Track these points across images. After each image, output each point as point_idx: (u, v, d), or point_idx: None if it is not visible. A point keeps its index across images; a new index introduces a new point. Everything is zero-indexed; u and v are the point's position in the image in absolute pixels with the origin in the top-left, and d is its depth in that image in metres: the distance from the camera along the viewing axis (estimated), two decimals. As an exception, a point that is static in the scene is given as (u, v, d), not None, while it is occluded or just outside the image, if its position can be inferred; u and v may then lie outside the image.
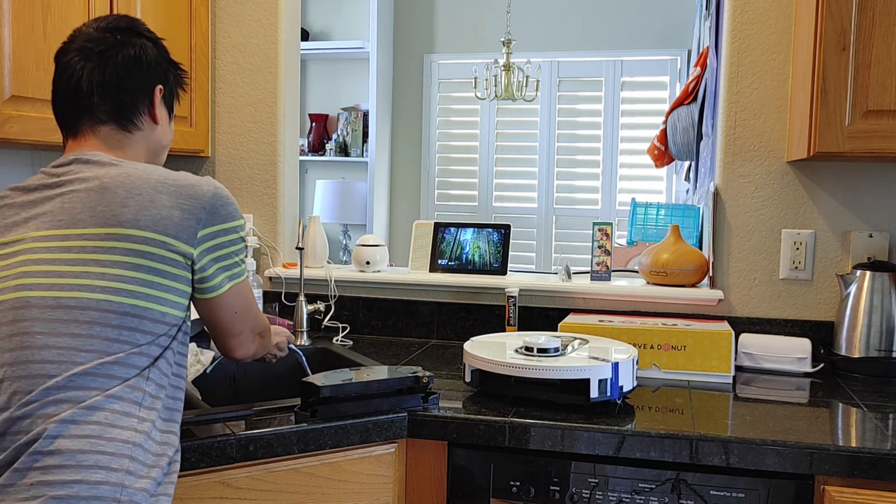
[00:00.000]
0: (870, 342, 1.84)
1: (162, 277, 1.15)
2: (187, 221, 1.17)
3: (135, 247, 1.14)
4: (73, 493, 1.01)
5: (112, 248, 1.13)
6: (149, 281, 1.14)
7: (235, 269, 1.26)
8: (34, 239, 1.15)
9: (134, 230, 1.14)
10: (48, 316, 1.09)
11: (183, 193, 1.19)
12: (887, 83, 1.63)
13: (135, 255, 1.13)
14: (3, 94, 1.61)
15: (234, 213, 1.24)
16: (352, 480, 1.45)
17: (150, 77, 1.31)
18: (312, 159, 4.83)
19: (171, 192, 1.18)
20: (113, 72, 1.27)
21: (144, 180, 1.18)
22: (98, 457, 1.04)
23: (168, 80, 1.36)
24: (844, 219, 1.97)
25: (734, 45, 1.99)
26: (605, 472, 1.43)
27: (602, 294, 2.07)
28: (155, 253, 1.14)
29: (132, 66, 1.29)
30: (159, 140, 1.35)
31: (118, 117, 1.28)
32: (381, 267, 2.28)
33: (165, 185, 1.19)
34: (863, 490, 1.33)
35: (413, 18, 4.90)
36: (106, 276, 1.12)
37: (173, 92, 1.39)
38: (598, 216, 4.69)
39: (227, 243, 1.23)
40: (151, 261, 1.14)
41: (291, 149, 2.35)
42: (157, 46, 1.34)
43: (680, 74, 4.51)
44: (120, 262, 1.13)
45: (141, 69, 1.30)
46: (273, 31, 2.26)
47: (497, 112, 4.82)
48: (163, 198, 1.17)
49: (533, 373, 1.49)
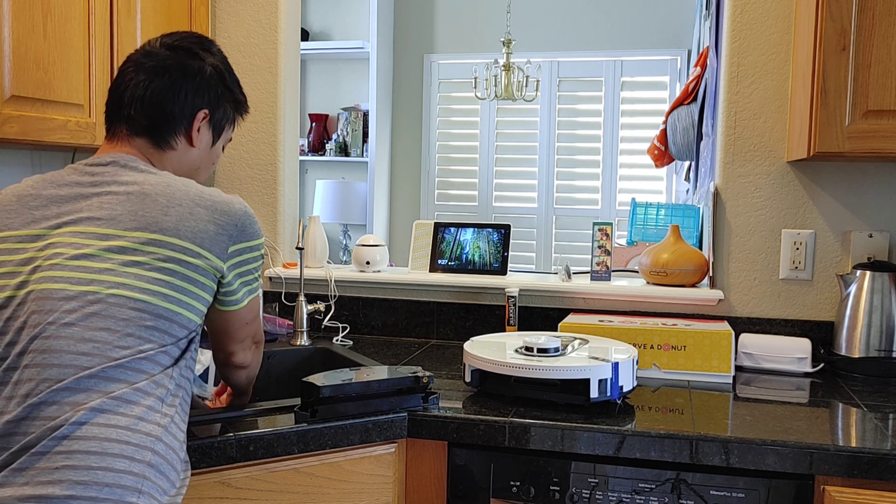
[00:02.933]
0: (870, 342, 1.84)
1: (193, 285, 1.20)
2: (220, 237, 1.24)
3: (174, 255, 1.19)
4: (96, 480, 1.02)
5: (152, 253, 1.18)
6: (182, 287, 1.19)
7: (254, 283, 1.33)
8: (71, 234, 1.18)
9: (175, 238, 1.20)
10: (87, 310, 1.12)
11: (218, 209, 1.25)
12: (887, 83, 1.63)
13: (173, 263, 1.19)
14: (4, 94, 1.61)
15: (259, 231, 1.31)
16: (352, 480, 1.45)
17: (196, 100, 1.35)
18: (312, 159, 4.83)
19: (207, 207, 1.24)
20: (156, 90, 1.32)
21: (184, 192, 1.24)
22: (123, 446, 1.06)
23: (219, 106, 1.38)
24: (844, 219, 1.97)
25: (734, 45, 2.00)
26: (605, 472, 1.43)
27: (602, 294, 2.07)
28: (191, 262, 1.20)
29: (178, 86, 1.33)
30: (194, 163, 1.39)
31: (153, 134, 1.32)
32: (381, 267, 2.28)
33: (203, 199, 1.25)
34: (863, 490, 1.33)
35: (413, 18, 4.90)
36: (144, 279, 1.16)
37: (227, 117, 1.42)
38: (598, 216, 4.69)
39: (251, 259, 1.30)
40: (187, 269, 1.20)
41: (291, 149, 2.35)
42: (217, 70, 1.38)
43: (680, 74, 4.51)
44: (159, 266, 1.18)
45: (186, 91, 1.33)
46: (273, 31, 2.26)
47: (497, 112, 4.82)
48: (201, 211, 1.23)
49: (533, 373, 1.49)
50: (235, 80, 1.44)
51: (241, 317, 1.33)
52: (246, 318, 1.34)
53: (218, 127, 1.40)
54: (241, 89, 1.45)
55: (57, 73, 1.72)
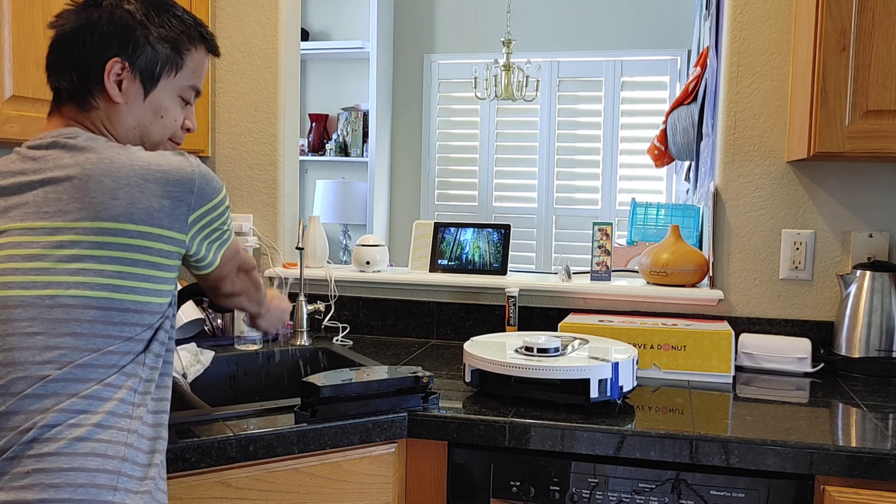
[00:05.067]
0: (870, 342, 1.84)
1: (158, 270, 1.12)
2: (178, 210, 1.13)
3: (131, 242, 1.10)
4: (69, 481, 1.01)
5: (107, 244, 1.09)
6: (147, 275, 1.11)
7: (224, 237, 1.23)
8: (20, 231, 1.10)
9: (129, 224, 1.10)
10: (47, 315, 1.07)
11: (171, 179, 1.12)
12: (887, 83, 1.63)
13: (133, 251, 1.10)
14: (3, 94, 1.61)
15: (217, 186, 1.18)
16: (352, 480, 1.45)
17: (102, 49, 1.18)
18: (312, 159, 4.83)
19: (157, 180, 1.12)
20: (61, 49, 1.19)
21: (129, 167, 1.12)
22: (95, 444, 1.04)
23: (139, 50, 1.19)
24: (844, 219, 1.97)
25: (734, 45, 1.99)
26: (605, 472, 1.43)
27: (602, 294, 2.07)
28: (151, 247, 1.11)
29: (80, 38, 1.18)
30: (124, 120, 1.21)
31: (74, 97, 1.20)
32: (381, 267, 2.28)
33: (150, 170, 1.12)
34: (863, 490, 1.33)
35: (413, 18, 4.90)
36: (104, 273, 1.09)
37: (161, 60, 1.21)
38: (598, 216, 4.69)
39: (216, 218, 1.19)
40: (148, 255, 1.11)
41: (291, 149, 2.35)
42: (128, 12, 1.19)
43: (680, 74, 4.51)
44: (118, 257, 1.09)
45: (89, 41, 1.18)
46: (273, 31, 2.26)
47: (497, 112, 4.82)
48: (151, 186, 1.11)
49: (533, 373, 1.49)
50: (164, 16, 1.22)
51: (218, 272, 1.25)
52: (223, 270, 1.25)
53: (148, 74, 1.21)
54: (177, 24, 1.23)
55: (57, 73, 1.71)
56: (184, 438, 1.31)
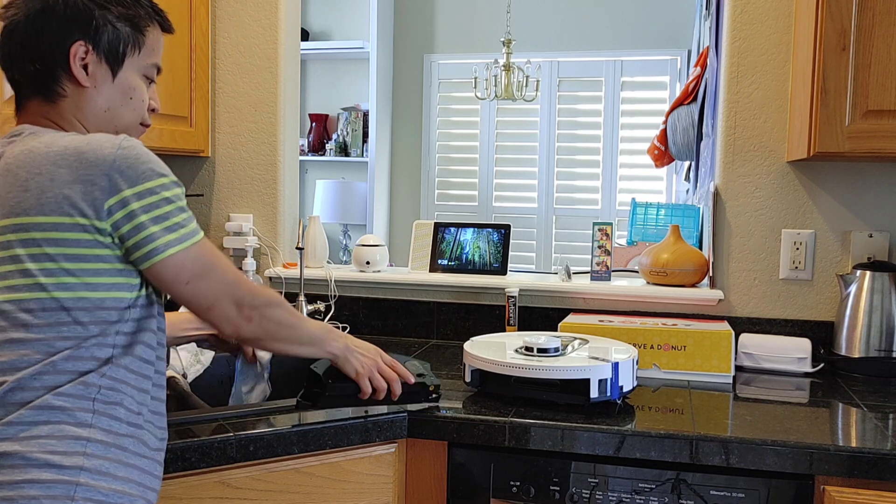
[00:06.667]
0: (870, 342, 1.84)
1: (85, 262, 1.04)
2: (92, 194, 1.03)
3: (47, 235, 1.02)
4: (22, 494, 0.98)
5: (24, 241, 1.03)
6: (78, 269, 1.03)
7: (171, 234, 1.08)
8: None
9: (40, 217, 1.02)
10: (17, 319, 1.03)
11: (84, 161, 1.04)
12: (887, 83, 1.63)
13: (49, 245, 1.02)
14: (3, 94, 1.61)
15: (148, 172, 1.06)
16: (352, 480, 1.45)
17: (64, 34, 1.12)
18: (312, 159, 4.83)
19: (70, 164, 1.04)
20: (20, 37, 1.13)
21: (44, 155, 1.05)
22: (49, 456, 1.00)
23: (100, 31, 1.14)
24: (844, 219, 1.97)
25: (734, 45, 2.00)
26: (605, 472, 1.43)
27: (602, 294, 2.07)
28: (69, 238, 1.03)
29: (38, 25, 1.12)
30: (100, 105, 1.16)
31: (38, 88, 1.14)
32: (381, 267, 2.28)
33: (65, 156, 1.04)
34: (863, 490, 1.33)
35: (413, 18, 4.90)
36: (30, 274, 1.03)
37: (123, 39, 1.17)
38: (598, 216, 4.69)
39: (150, 206, 1.06)
40: (67, 247, 1.03)
41: (291, 149, 2.35)
42: None
43: (680, 74, 4.51)
44: (38, 254, 1.03)
45: (49, 26, 1.12)
46: (273, 31, 2.26)
47: (497, 112, 4.82)
48: (62, 172, 1.03)
49: (533, 373, 1.49)
50: None
51: (172, 276, 1.09)
52: (182, 276, 1.09)
53: (113, 55, 1.16)
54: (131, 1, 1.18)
55: (57, 73, 1.71)
56: (184, 438, 1.31)
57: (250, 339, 1.20)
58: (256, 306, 1.18)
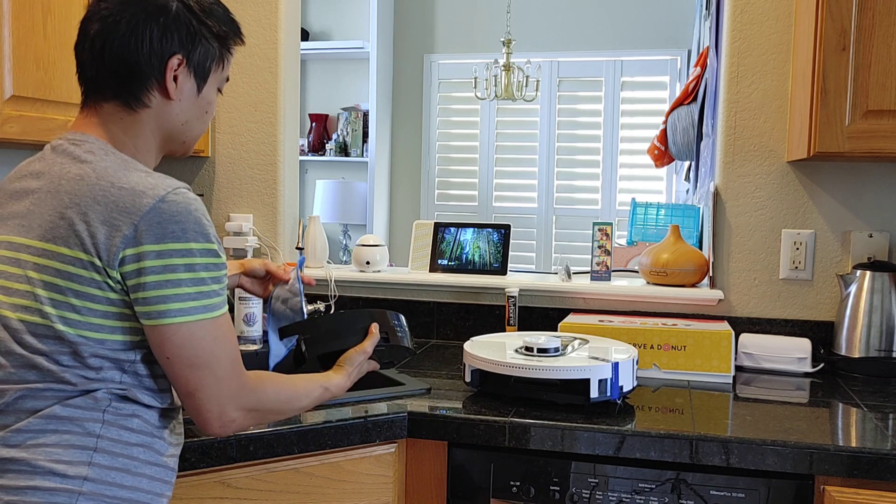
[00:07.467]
0: (870, 342, 1.84)
1: (92, 302, 1.02)
2: (113, 239, 1.01)
3: (63, 267, 1.01)
4: (24, 500, 0.98)
5: (47, 268, 1.02)
6: (78, 307, 1.02)
7: (170, 304, 1.02)
8: (6, 245, 1.06)
9: (64, 248, 1.02)
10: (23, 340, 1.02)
11: (119, 206, 1.02)
12: (887, 83, 1.63)
13: (62, 278, 1.01)
14: (3, 94, 1.61)
15: (178, 232, 1.02)
16: (352, 480, 1.45)
17: (164, 45, 1.11)
18: (312, 159, 4.83)
19: (108, 202, 1.02)
20: (114, 41, 1.10)
21: (90, 186, 1.03)
22: (53, 465, 1.00)
23: (195, 45, 1.13)
24: (844, 219, 1.97)
25: (734, 45, 2.00)
26: (605, 472, 1.43)
27: (602, 294, 2.07)
28: (83, 276, 1.01)
29: (139, 31, 1.10)
30: (178, 117, 1.15)
31: (122, 94, 1.12)
32: (381, 267, 2.28)
33: (109, 192, 1.03)
34: (863, 490, 1.33)
35: (413, 18, 4.90)
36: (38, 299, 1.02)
37: (212, 56, 1.16)
38: (598, 216, 4.69)
39: (161, 268, 1.01)
40: (78, 283, 1.01)
41: (291, 149, 2.35)
42: (184, 3, 1.13)
43: (680, 74, 4.51)
44: (49, 283, 1.02)
45: (150, 35, 1.10)
46: (273, 31, 2.26)
47: (497, 112, 4.82)
48: (98, 210, 1.02)
49: (533, 373, 1.49)
50: (212, 10, 1.17)
51: (156, 340, 1.03)
52: (164, 346, 1.03)
53: (201, 70, 1.15)
54: (223, 18, 1.18)
55: (57, 73, 1.72)
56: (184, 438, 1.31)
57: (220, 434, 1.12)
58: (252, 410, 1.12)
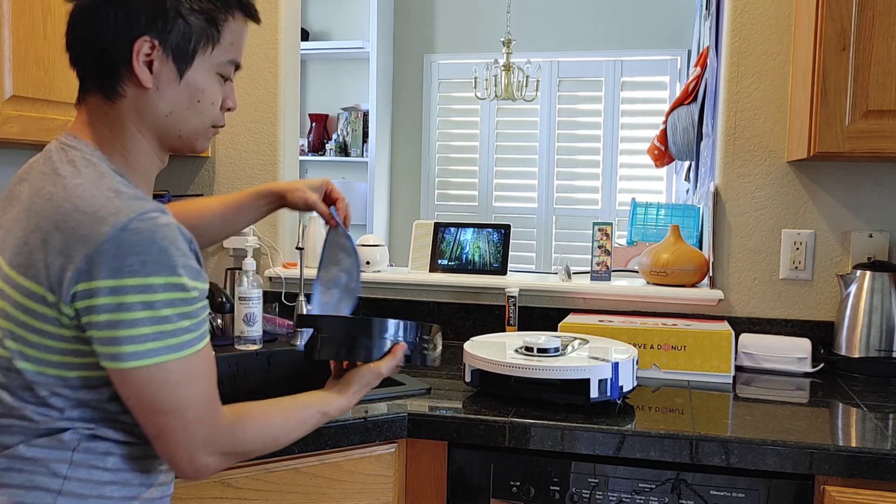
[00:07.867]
0: (870, 342, 1.84)
1: (48, 339, 0.93)
2: (65, 271, 0.89)
3: (23, 300, 0.92)
4: None
5: (10, 298, 0.93)
6: (34, 342, 0.93)
7: (123, 346, 0.90)
8: None
9: (22, 278, 0.92)
10: None
11: (78, 233, 0.90)
12: (887, 83, 1.63)
13: (20, 310, 0.92)
14: (3, 94, 1.61)
15: (135, 266, 0.89)
16: (352, 480, 1.45)
17: (128, 27, 0.98)
18: (312, 159, 4.83)
19: (67, 229, 0.90)
20: (83, 26, 1.00)
21: (56, 208, 0.92)
22: None
23: (171, 25, 0.99)
24: (844, 219, 1.97)
25: (734, 45, 1.99)
26: (605, 472, 1.43)
27: (602, 294, 2.07)
28: (37, 310, 0.92)
29: (102, 13, 0.98)
30: (155, 109, 1.02)
31: (99, 84, 1.01)
32: (381, 267, 2.28)
33: (70, 216, 0.91)
34: (863, 490, 1.33)
35: (413, 18, 4.90)
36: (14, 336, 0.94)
37: (196, 36, 1.01)
38: (598, 216, 4.69)
39: (115, 306, 0.89)
40: (33, 318, 0.92)
41: (291, 149, 2.35)
42: None
43: (680, 74, 4.51)
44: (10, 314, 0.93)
45: (113, 16, 0.98)
46: (273, 31, 2.26)
47: (497, 112, 4.82)
48: (57, 236, 0.90)
49: (533, 373, 1.49)
50: None
51: (116, 380, 0.93)
52: (123, 389, 0.92)
53: (181, 53, 1.00)
54: None
55: (57, 73, 1.72)
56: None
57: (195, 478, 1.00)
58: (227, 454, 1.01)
